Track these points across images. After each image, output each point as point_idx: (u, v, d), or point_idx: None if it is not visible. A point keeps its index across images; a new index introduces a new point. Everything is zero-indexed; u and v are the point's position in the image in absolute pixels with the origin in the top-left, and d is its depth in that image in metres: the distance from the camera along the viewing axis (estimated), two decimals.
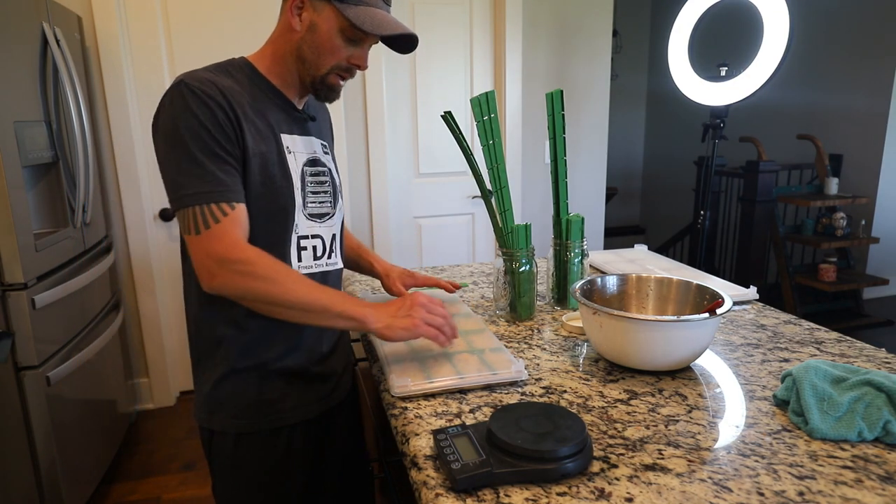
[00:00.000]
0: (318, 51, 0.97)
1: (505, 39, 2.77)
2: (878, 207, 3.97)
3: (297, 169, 1.01)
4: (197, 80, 0.92)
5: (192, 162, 0.89)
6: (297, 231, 1.02)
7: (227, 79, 0.97)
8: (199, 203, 0.88)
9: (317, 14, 0.96)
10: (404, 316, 0.93)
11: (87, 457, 1.96)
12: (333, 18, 0.95)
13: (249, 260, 0.89)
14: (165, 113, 0.92)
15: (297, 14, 0.98)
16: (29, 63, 1.78)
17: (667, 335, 0.91)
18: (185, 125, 0.89)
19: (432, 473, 0.71)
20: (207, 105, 0.90)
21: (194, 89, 0.91)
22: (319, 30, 0.96)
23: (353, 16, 0.94)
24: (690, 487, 0.67)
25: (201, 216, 0.88)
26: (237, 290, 0.89)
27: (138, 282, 2.57)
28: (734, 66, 2.56)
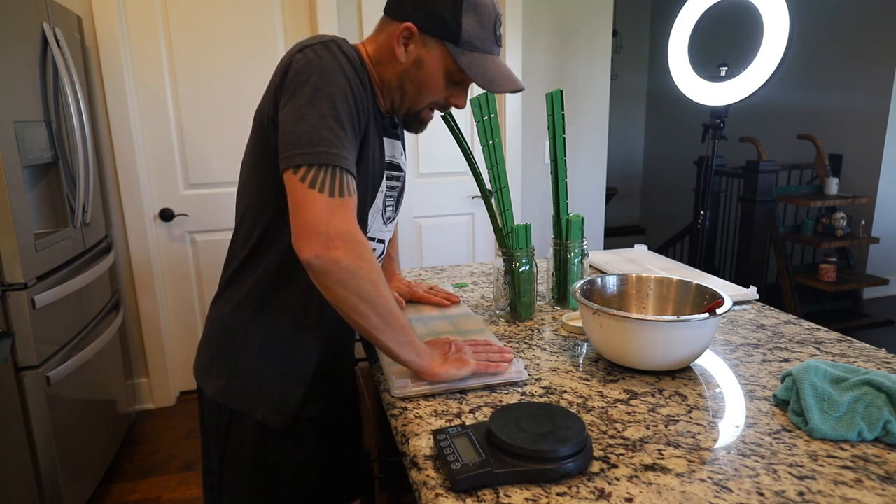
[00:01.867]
0: (420, 87, 0.94)
1: (505, 39, 2.77)
2: (878, 207, 3.97)
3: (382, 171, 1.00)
4: (344, 43, 0.87)
5: (339, 123, 0.83)
6: (368, 232, 1.01)
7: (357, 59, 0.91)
8: (341, 166, 0.81)
9: (426, 51, 0.91)
10: (455, 359, 0.93)
11: (87, 457, 1.96)
12: (442, 59, 0.91)
13: (369, 248, 0.84)
14: (315, 64, 0.84)
15: (404, 44, 0.92)
16: (29, 63, 1.78)
17: (667, 335, 0.91)
18: (337, 84, 0.83)
19: (432, 473, 0.71)
20: (357, 71, 0.87)
21: (347, 52, 0.86)
22: (426, 67, 0.92)
23: (465, 64, 0.90)
24: (690, 487, 0.67)
25: (339, 181, 0.81)
26: (350, 270, 0.81)
27: (138, 282, 2.57)
28: (734, 66, 2.56)
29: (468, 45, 0.90)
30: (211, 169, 2.59)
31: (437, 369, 0.91)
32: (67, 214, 1.94)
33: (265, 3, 2.52)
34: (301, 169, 0.80)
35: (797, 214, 4.17)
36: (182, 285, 2.69)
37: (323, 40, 0.86)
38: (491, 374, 0.93)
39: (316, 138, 0.81)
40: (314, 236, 0.79)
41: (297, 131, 0.81)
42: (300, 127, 0.81)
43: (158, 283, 2.62)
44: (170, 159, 2.54)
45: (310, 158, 0.80)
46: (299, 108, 0.82)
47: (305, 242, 0.80)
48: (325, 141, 0.81)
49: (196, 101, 2.51)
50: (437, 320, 1.19)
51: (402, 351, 0.89)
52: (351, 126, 0.84)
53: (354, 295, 0.83)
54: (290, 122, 0.83)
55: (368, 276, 0.83)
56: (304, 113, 0.82)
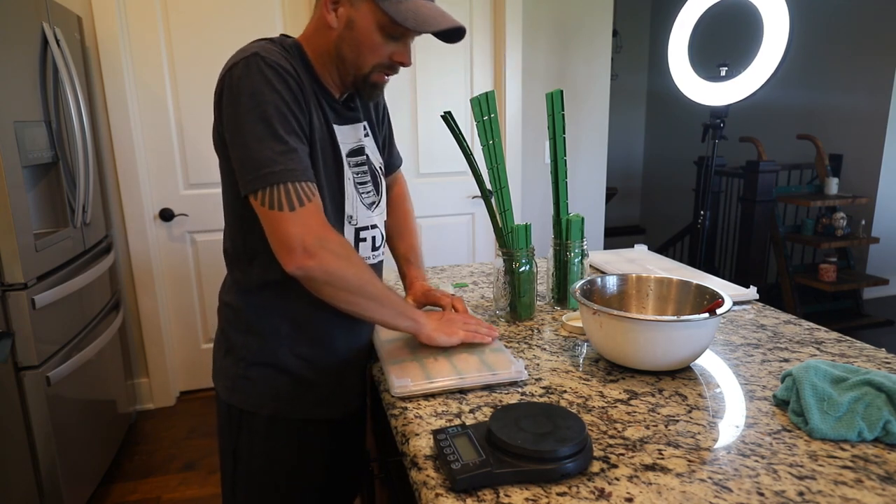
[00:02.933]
0: (357, 49, 0.92)
1: (505, 39, 2.77)
2: (878, 207, 3.97)
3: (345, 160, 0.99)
4: (268, 52, 0.87)
5: (277, 139, 0.84)
6: (353, 223, 1.01)
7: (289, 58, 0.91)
8: (291, 180, 0.84)
9: (354, 9, 0.90)
10: (446, 326, 1.00)
11: (87, 457, 1.96)
12: (372, 14, 0.89)
13: (343, 243, 0.89)
14: (241, 86, 0.85)
15: (333, 9, 0.92)
16: (29, 63, 1.78)
17: (667, 335, 0.91)
18: (267, 100, 0.85)
19: (432, 473, 0.71)
20: (287, 82, 0.87)
21: (272, 64, 0.86)
22: (357, 26, 0.91)
23: (393, 11, 0.88)
24: (690, 487, 0.67)
25: (294, 193, 0.84)
26: (332, 272, 0.86)
27: (138, 282, 2.57)
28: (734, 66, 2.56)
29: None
30: (211, 169, 2.59)
31: (432, 333, 0.99)
32: (67, 214, 1.94)
33: (265, 3, 2.52)
34: (258, 193, 0.85)
35: (797, 214, 4.17)
36: (182, 285, 2.69)
37: (245, 56, 0.87)
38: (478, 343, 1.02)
39: (258, 162, 0.84)
40: (290, 251, 0.85)
41: (243, 157, 0.86)
42: (244, 153, 0.85)
43: (158, 283, 2.62)
44: (170, 159, 2.54)
45: (259, 182, 0.84)
46: (238, 134, 0.86)
47: (285, 259, 0.86)
48: (268, 161, 0.84)
49: (196, 101, 2.51)
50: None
51: (399, 322, 0.97)
52: (292, 134, 0.87)
53: (342, 290, 0.89)
54: (235, 148, 0.87)
55: (348, 271, 0.88)
56: (243, 138, 0.85)
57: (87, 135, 2.04)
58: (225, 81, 0.88)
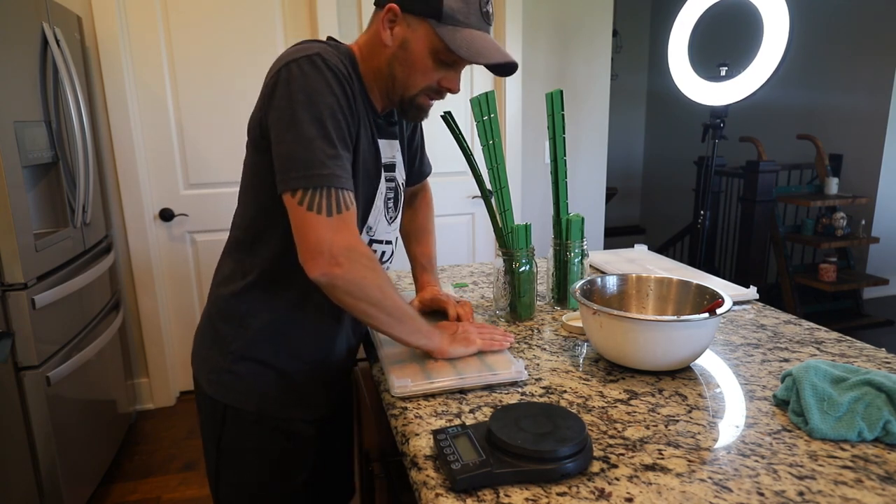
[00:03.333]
0: (408, 70, 0.93)
1: (505, 39, 2.77)
2: (878, 207, 3.97)
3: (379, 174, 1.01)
4: (329, 55, 0.87)
5: (329, 142, 0.84)
6: (371, 234, 1.02)
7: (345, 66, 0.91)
8: (336, 186, 0.84)
9: (410, 31, 0.91)
10: (462, 339, 1.00)
11: (87, 457, 1.96)
12: (427, 38, 0.90)
13: (371, 256, 0.89)
14: (298, 84, 0.84)
15: (389, 27, 0.92)
16: (29, 63, 1.78)
17: (667, 335, 0.91)
18: (323, 101, 0.84)
19: (432, 473, 0.71)
20: (343, 85, 0.87)
21: (332, 67, 0.86)
22: (412, 48, 0.91)
23: (449, 39, 0.89)
24: (690, 487, 0.67)
25: (335, 199, 0.84)
26: (356, 283, 0.86)
27: (138, 282, 2.57)
28: (734, 66, 2.56)
29: (451, 19, 0.89)
30: (211, 169, 2.59)
31: (447, 348, 0.98)
32: (67, 214, 1.94)
33: (265, 3, 2.52)
34: (298, 192, 0.83)
35: (797, 214, 4.17)
36: (182, 285, 2.69)
37: (308, 54, 0.86)
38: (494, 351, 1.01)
39: (309, 161, 0.83)
40: (318, 256, 0.83)
41: (290, 154, 0.84)
42: (292, 149, 0.84)
43: (158, 283, 2.62)
44: (170, 159, 2.54)
45: (304, 182, 0.83)
46: (289, 130, 0.84)
47: (311, 262, 0.84)
48: (318, 163, 0.83)
49: (196, 101, 2.51)
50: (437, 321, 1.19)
51: (414, 339, 0.97)
52: (342, 140, 0.86)
53: (363, 301, 0.88)
54: (283, 144, 0.85)
55: (373, 283, 0.88)
56: (294, 134, 0.84)
57: (87, 135, 2.04)
58: (281, 75, 0.86)
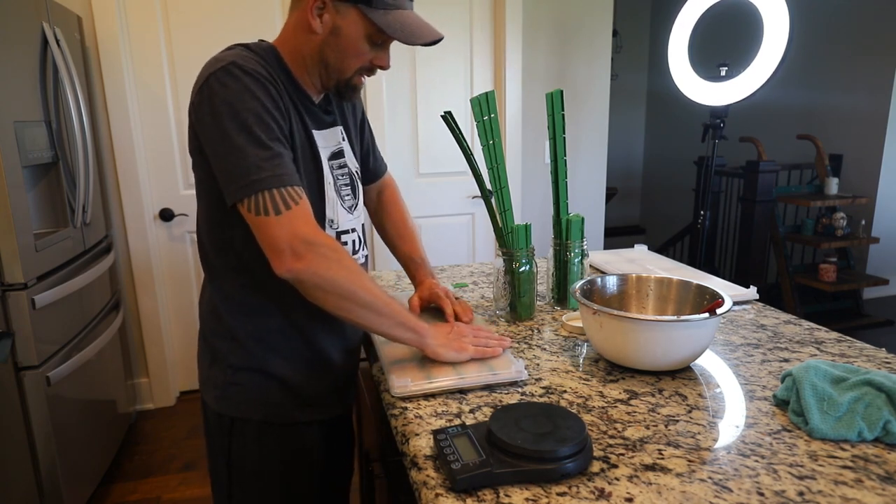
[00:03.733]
0: (341, 55, 0.93)
1: (505, 39, 2.77)
2: (878, 207, 3.97)
3: (326, 164, 1.00)
4: (244, 59, 0.88)
5: (260, 146, 0.85)
6: (335, 226, 1.01)
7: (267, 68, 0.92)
8: (276, 186, 0.84)
9: (340, 17, 0.91)
10: (454, 341, 0.97)
11: (87, 457, 1.96)
12: (359, 23, 0.91)
13: (335, 246, 0.87)
14: (219, 97, 0.85)
15: (318, 15, 0.92)
16: (29, 63, 1.78)
17: (667, 335, 0.91)
18: (246, 108, 0.85)
19: (432, 473, 0.71)
20: (264, 86, 0.87)
21: (249, 71, 0.86)
22: (343, 34, 0.92)
23: (383, 23, 0.89)
24: (690, 487, 0.67)
25: (280, 198, 0.84)
26: (322, 275, 0.85)
27: (138, 282, 2.57)
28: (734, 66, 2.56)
29: (381, 3, 0.90)
30: None
31: (439, 349, 0.95)
32: (67, 214, 1.94)
33: (265, 3, 2.52)
34: (244, 202, 0.85)
35: (797, 214, 4.16)
36: (182, 285, 2.69)
37: (223, 64, 0.87)
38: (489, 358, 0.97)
39: (245, 169, 0.84)
40: (279, 254, 0.85)
41: (228, 167, 0.86)
42: (228, 162, 0.85)
43: (158, 283, 2.62)
44: (170, 159, 2.54)
45: (245, 191, 0.85)
46: (221, 143, 0.85)
47: (275, 262, 0.85)
48: (254, 168, 0.84)
49: None
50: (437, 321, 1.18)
51: (397, 332, 0.93)
52: (275, 140, 0.87)
53: (332, 294, 0.87)
54: (219, 159, 0.87)
55: (339, 274, 0.87)
56: (226, 147, 0.85)
57: (87, 135, 2.04)
58: (203, 92, 0.87)
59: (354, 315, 0.90)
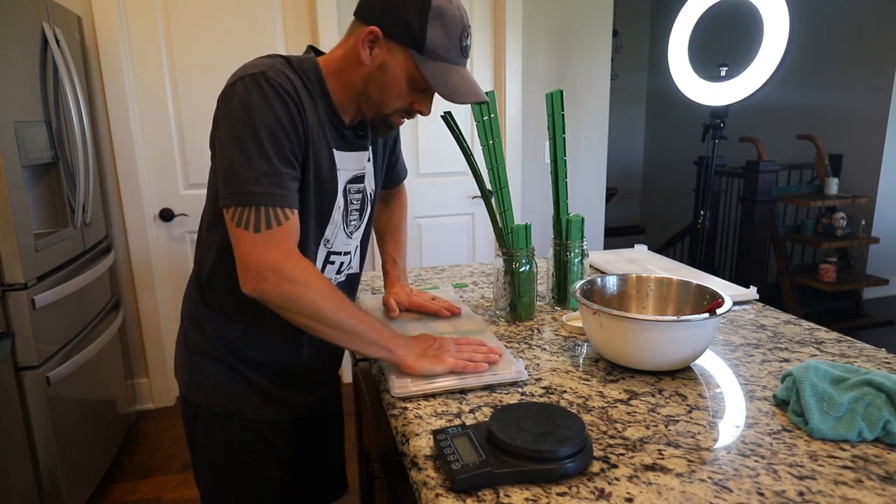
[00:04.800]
0: (384, 92, 0.93)
1: (505, 39, 2.77)
2: (878, 207, 3.97)
3: (342, 187, 1.00)
4: (275, 72, 0.88)
5: (265, 160, 0.85)
6: (329, 246, 1.02)
7: (300, 81, 0.92)
8: (266, 204, 0.85)
9: (390, 55, 0.91)
10: (433, 356, 0.94)
11: (87, 457, 1.96)
12: (406, 65, 0.91)
13: (305, 271, 0.87)
14: (240, 102, 0.86)
15: (369, 48, 0.92)
16: (29, 63, 1.78)
17: (667, 335, 0.91)
18: (262, 119, 0.86)
19: (432, 473, 0.71)
20: (286, 103, 0.87)
21: (274, 84, 0.87)
22: (389, 72, 0.91)
23: (428, 73, 0.89)
24: (690, 487, 0.67)
25: (265, 217, 0.85)
26: (284, 299, 0.87)
27: (138, 282, 2.57)
28: (734, 66, 2.56)
29: (432, 53, 0.90)
30: None
31: (413, 363, 0.93)
32: (67, 214, 1.94)
33: (265, 3, 2.52)
34: (230, 209, 0.86)
35: (797, 214, 4.17)
36: (182, 285, 2.69)
37: (253, 72, 0.87)
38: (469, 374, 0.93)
39: (241, 179, 0.85)
40: (245, 272, 0.86)
41: (227, 172, 0.87)
42: (230, 166, 0.86)
43: (158, 283, 2.62)
44: (170, 159, 2.54)
45: (236, 199, 0.85)
46: (230, 147, 0.86)
47: (242, 278, 0.87)
48: (252, 181, 0.85)
49: (196, 101, 2.51)
50: (437, 321, 1.19)
51: (370, 350, 0.93)
52: (281, 158, 0.87)
53: (299, 315, 0.88)
54: (222, 161, 0.87)
55: (304, 299, 0.87)
56: (233, 151, 0.86)
57: (87, 135, 2.04)
58: (227, 93, 0.88)
59: (323, 334, 0.91)
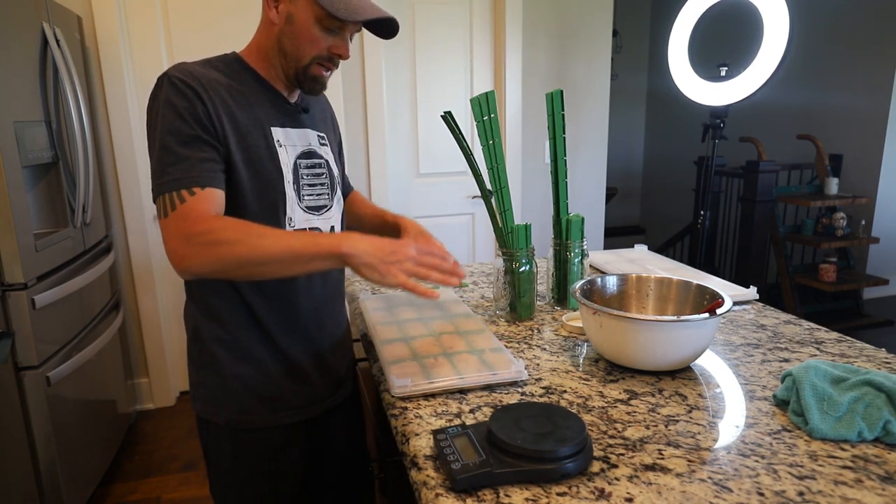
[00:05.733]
0: (297, 42, 0.96)
1: (505, 39, 2.77)
2: (878, 207, 3.97)
3: (290, 162, 1.00)
4: (179, 71, 0.93)
5: (167, 151, 0.90)
6: (291, 224, 1.01)
7: (213, 72, 0.97)
8: (170, 190, 0.88)
9: (292, 4, 0.95)
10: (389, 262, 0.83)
11: (87, 457, 1.96)
12: (309, 8, 0.94)
13: (212, 228, 0.86)
14: (151, 107, 0.94)
15: (274, 6, 0.96)
16: (29, 63, 1.78)
17: (667, 335, 0.91)
18: (162, 116, 0.91)
19: (432, 473, 0.71)
20: (185, 95, 0.91)
21: (174, 80, 0.92)
22: (296, 20, 0.95)
23: (327, 4, 0.92)
24: (690, 487, 0.67)
25: (170, 201, 0.88)
26: (207, 262, 0.85)
27: (138, 282, 2.57)
28: (734, 66, 2.56)
29: None
30: None
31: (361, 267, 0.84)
32: (67, 214, 1.94)
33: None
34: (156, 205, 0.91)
35: (797, 214, 4.16)
36: (182, 285, 2.68)
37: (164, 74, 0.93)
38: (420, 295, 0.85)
39: (154, 175, 0.91)
40: (172, 256, 0.87)
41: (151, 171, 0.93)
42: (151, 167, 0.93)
43: (158, 283, 2.62)
44: None
45: (154, 194, 0.91)
46: (149, 148, 0.94)
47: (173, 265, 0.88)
48: (158, 173, 0.90)
49: None
50: (437, 321, 1.19)
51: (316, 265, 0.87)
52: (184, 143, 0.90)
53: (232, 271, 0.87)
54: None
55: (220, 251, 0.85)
56: (150, 153, 0.93)
57: (87, 135, 2.04)
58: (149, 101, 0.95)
59: (266, 274, 0.89)
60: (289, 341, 1.03)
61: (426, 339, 1.08)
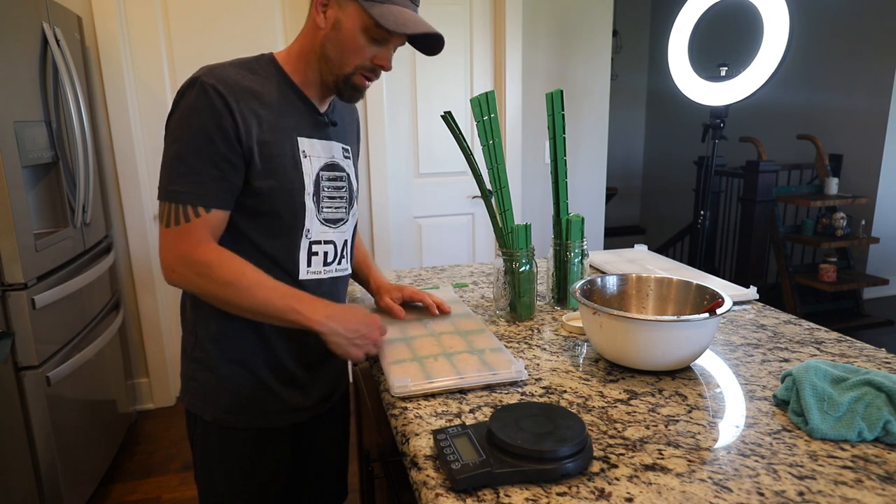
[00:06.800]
0: (341, 49, 0.95)
1: (505, 39, 2.77)
2: (878, 207, 3.97)
3: (312, 173, 1.00)
4: (215, 77, 0.92)
5: (185, 161, 0.90)
6: (308, 236, 1.02)
7: (247, 76, 0.95)
8: (179, 201, 0.90)
9: (342, 11, 0.94)
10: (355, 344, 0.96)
11: (87, 457, 1.96)
12: (358, 16, 0.93)
13: (209, 263, 0.91)
14: (178, 104, 0.93)
15: (322, 11, 0.95)
16: (29, 63, 1.78)
17: (667, 335, 0.91)
18: (189, 123, 0.90)
19: (432, 473, 0.71)
20: (213, 106, 0.90)
21: (207, 88, 0.90)
22: (343, 27, 0.94)
23: (377, 14, 0.92)
24: (690, 487, 0.67)
25: (174, 212, 0.90)
26: (194, 288, 0.93)
27: (138, 282, 2.57)
28: (734, 66, 2.56)
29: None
30: None
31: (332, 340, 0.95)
32: (67, 214, 1.94)
33: (265, 3, 2.52)
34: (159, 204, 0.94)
35: (797, 214, 4.17)
36: None
37: (195, 76, 0.92)
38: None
39: (164, 177, 0.92)
40: (163, 264, 0.93)
41: (161, 167, 0.94)
42: (162, 164, 0.94)
43: (158, 283, 2.62)
44: None
45: (161, 195, 0.93)
46: (165, 146, 0.94)
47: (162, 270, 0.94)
48: (168, 180, 0.92)
49: None
50: (437, 321, 1.19)
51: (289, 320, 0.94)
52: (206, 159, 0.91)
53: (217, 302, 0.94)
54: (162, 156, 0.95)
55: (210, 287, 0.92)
56: (165, 151, 0.94)
57: (87, 135, 2.04)
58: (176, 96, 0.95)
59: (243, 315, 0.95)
60: (284, 346, 1.03)
61: (426, 339, 1.08)
